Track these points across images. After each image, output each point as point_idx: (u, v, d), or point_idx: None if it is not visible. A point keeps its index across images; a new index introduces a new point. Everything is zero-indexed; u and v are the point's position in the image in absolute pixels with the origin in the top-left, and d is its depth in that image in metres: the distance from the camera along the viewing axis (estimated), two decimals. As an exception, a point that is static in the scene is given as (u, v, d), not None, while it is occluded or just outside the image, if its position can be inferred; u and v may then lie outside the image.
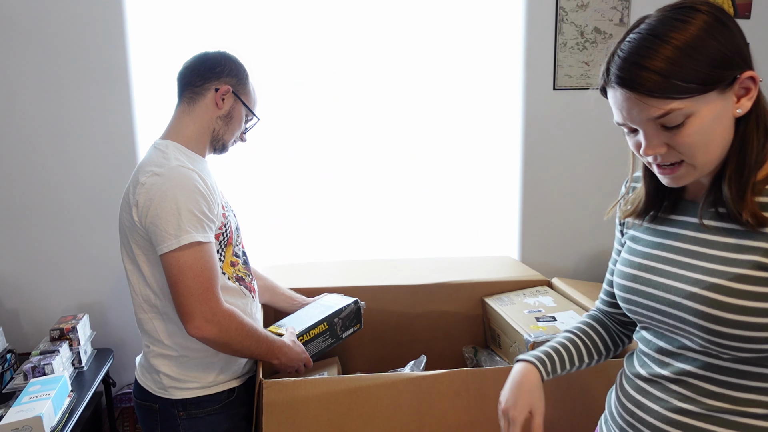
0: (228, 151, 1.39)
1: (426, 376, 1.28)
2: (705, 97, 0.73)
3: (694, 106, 0.73)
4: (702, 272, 0.80)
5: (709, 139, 0.75)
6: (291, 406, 1.22)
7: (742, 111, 0.75)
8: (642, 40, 0.75)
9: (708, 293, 0.77)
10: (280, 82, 2.16)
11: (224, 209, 1.31)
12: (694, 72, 0.72)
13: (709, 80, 0.72)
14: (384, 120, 2.28)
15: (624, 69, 0.75)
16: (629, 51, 0.76)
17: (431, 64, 2.27)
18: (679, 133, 0.75)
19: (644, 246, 0.90)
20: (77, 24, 1.95)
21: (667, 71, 0.72)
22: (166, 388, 1.27)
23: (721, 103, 0.74)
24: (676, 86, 0.72)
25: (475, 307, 1.82)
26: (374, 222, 2.35)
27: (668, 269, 0.84)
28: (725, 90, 0.74)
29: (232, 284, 1.31)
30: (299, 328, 1.45)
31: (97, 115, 2.01)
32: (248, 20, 2.10)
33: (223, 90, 1.29)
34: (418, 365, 1.55)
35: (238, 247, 1.38)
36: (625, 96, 0.76)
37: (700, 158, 0.77)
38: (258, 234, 2.22)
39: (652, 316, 0.86)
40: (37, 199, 2.03)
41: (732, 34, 0.75)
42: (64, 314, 2.03)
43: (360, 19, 2.19)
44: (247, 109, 1.36)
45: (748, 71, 0.74)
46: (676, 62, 0.72)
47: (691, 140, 0.75)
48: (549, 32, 2.30)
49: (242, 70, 1.35)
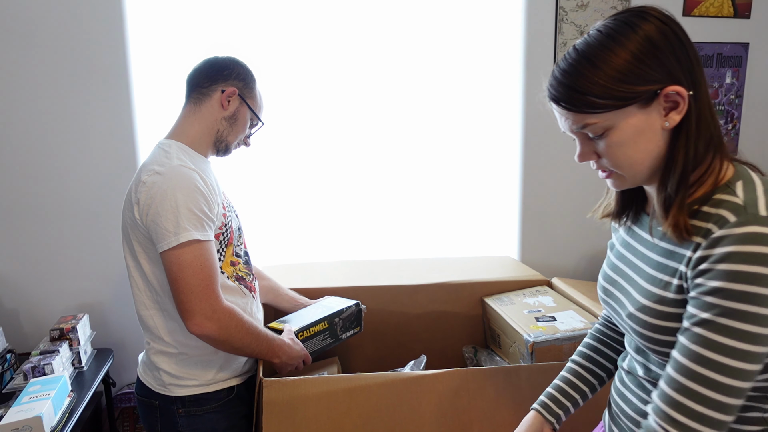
0: (230, 153, 1.40)
1: (426, 375, 1.28)
2: (624, 111, 0.75)
3: (613, 119, 0.75)
4: (639, 292, 0.83)
5: (632, 151, 0.77)
6: (291, 405, 1.22)
7: (669, 125, 0.75)
8: (569, 57, 0.78)
9: (639, 314, 0.82)
10: (280, 81, 2.16)
11: (225, 209, 1.32)
12: (609, 91, 0.74)
13: (624, 97, 0.74)
14: (384, 120, 2.28)
15: (551, 84, 0.80)
16: (560, 66, 0.80)
17: (432, 64, 2.27)
18: (601, 143, 0.78)
19: (614, 256, 0.94)
20: (77, 24, 1.95)
21: (583, 88, 0.75)
22: (165, 385, 1.28)
23: (645, 116, 0.75)
24: (590, 102, 0.75)
25: (475, 307, 1.82)
26: (374, 222, 2.35)
27: (622, 284, 0.89)
28: (647, 104, 0.75)
29: (232, 283, 1.31)
30: (300, 324, 1.46)
31: (98, 115, 2.01)
32: (249, 19, 2.10)
33: (230, 91, 1.31)
34: (418, 365, 1.55)
35: (240, 247, 1.39)
36: (555, 108, 0.81)
37: (626, 169, 0.79)
38: (259, 234, 2.22)
39: (619, 321, 0.90)
40: (37, 199, 2.03)
41: (662, 53, 0.74)
42: (64, 314, 2.03)
43: (361, 20, 2.19)
44: (253, 113, 1.37)
45: (672, 86, 0.74)
46: (593, 80, 0.74)
47: (612, 151, 0.78)
48: (549, 32, 2.31)
49: (250, 75, 1.37)
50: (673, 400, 0.73)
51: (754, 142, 2.67)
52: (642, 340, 0.83)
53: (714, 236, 0.71)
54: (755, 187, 0.73)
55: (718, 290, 0.69)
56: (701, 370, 0.71)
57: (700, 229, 0.74)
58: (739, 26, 2.54)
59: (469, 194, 2.38)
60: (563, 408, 1.02)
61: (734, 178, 0.76)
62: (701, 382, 0.71)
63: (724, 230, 0.70)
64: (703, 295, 0.71)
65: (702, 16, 2.49)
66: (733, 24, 2.53)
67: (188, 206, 1.17)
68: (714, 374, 0.70)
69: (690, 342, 0.72)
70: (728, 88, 2.59)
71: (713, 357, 0.70)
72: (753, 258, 0.67)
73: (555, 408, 1.02)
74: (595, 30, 0.79)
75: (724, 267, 0.69)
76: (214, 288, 1.19)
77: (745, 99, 2.62)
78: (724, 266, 0.69)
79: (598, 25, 0.79)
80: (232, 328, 1.20)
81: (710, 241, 0.71)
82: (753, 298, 0.67)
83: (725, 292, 0.69)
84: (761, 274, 0.66)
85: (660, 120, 0.75)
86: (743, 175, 0.77)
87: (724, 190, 0.75)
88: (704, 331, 0.71)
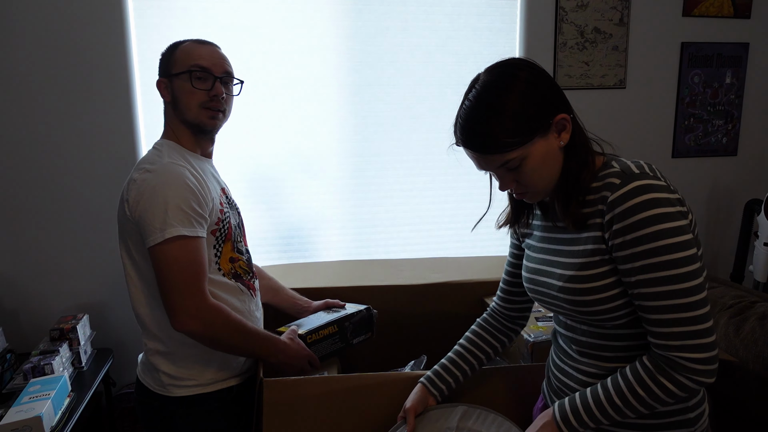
0: (210, 126, 1.32)
1: (426, 375, 1.28)
2: (532, 143, 0.91)
3: (525, 151, 0.92)
4: (564, 267, 0.99)
5: (544, 171, 0.94)
6: (291, 405, 1.22)
7: (563, 143, 0.94)
8: (473, 109, 0.93)
9: (569, 285, 0.96)
10: (280, 82, 2.16)
11: (222, 206, 1.31)
12: (517, 130, 0.90)
13: (529, 132, 0.91)
14: (384, 120, 2.28)
15: (464, 134, 0.94)
16: (465, 118, 0.94)
17: (432, 64, 2.27)
18: (519, 172, 0.94)
19: (534, 252, 1.09)
20: (78, 24, 1.95)
21: (496, 134, 0.90)
22: (164, 386, 1.27)
23: (546, 142, 0.93)
24: (506, 143, 0.90)
25: (475, 307, 1.82)
26: (375, 222, 2.35)
27: (546, 269, 1.04)
28: (546, 133, 0.92)
29: (228, 281, 1.31)
30: (308, 327, 1.44)
31: (99, 116, 2.02)
32: (250, 18, 2.10)
33: (159, 82, 1.31)
34: (418, 365, 1.55)
35: (240, 243, 1.38)
36: (472, 154, 0.96)
37: (540, 187, 0.96)
38: (259, 234, 2.22)
39: (550, 303, 1.04)
40: (38, 200, 2.03)
41: (542, 91, 0.92)
42: (64, 314, 2.03)
43: (361, 21, 2.19)
44: (178, 74, 1.27)
45: (559, 115, 0.92)
46: (503, 125, 0.90)
47: (529, 177, 0.94)
48: (549, 32, 2.31)
49: (167, 52, 1.32)
50: (663, 334, 0.88)
51: (753, 141, 2.67)
52: (574, 307, 0.97)
53: (610, 199, 0.89)
54: (624, 161, 0.95)
55: (636, 239, 0.86)
56: (667, 302, 0.86)
57: (595, 201, 0.92)
58: (739, 26, 2.54)
59: (470, 194, 2.38)
60: (446, 384, 1.19)
61: (606, 161, 0.97)
62: (674, 310, 0.86)
63: (616, 192, 0.88)
64: (628, 248, 0.88)
65: (702, 15, 2.50)
66: (733, 24, 2.53)
67: (176, 203, 1.17)
68: (677, 300, 0.86)
69: (646, 288, 0.88)
70: (728, 88, 2.59)
71: (669, 288, 0.86)
72: (644, 205, 0.86)
73: (439, 383, 1.19)
74: (482, 83, 0.94)
75: (631, 220, 0.86)
76: (200, 285, 1.18)
77: (745, 99, 2.62)
78: (630, 219, 0.86)
79: (482, 80, 0.94)
80: (218, 326, 1.19)
81: (608, 204, 0.89)
82: (663, 233, 0.85)
83: (642, 238, 0.86)
84: (656, 213, 0.85)
85: (556, 142, 0.94)
86: (612, 157, 0.98)
87: (603, 169, 0.95)
88: (649, 274, 0.87)
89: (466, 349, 1.23)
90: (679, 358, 0.87)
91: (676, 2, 2.46)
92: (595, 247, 0.93)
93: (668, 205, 0.86)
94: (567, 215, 0.95)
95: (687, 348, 0.87)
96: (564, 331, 1.07)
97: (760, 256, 2.27)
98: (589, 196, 0.94)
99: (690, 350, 0.87)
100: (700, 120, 2.59)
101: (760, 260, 2.27)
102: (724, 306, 1.83)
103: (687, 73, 2.53)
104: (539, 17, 2.28)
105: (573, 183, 0.95)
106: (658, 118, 2.54)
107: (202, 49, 1.31)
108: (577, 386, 1.02)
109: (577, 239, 0.97)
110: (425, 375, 1.22)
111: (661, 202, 0.85)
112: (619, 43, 2.41)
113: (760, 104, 2.64)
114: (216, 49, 1.34)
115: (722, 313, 1.80)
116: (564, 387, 1.07)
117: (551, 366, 1.14)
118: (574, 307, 0.97)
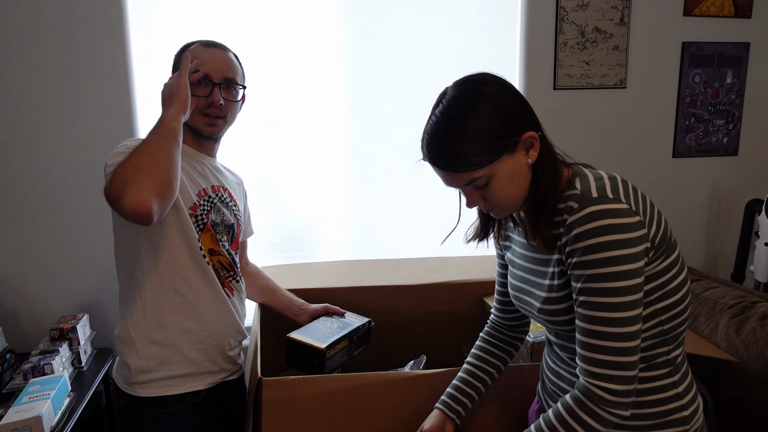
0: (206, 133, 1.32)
1: (426, 375, 1.28)
2: (499, 161, 0.91)
3: (492, 170, 0.91)
4: (538, 289, 1.01)
5: (512, 189, 0.94)
6: (291, 404, 1.22)
7: (531, 160, 0.94)
8: (439, 127, 0.92)
9: (545, 307, 0.99)
10: (281, 82, 2.16)
11: (200, 197, 1.29)
12: (484, 149, 0.89)
13: (496, 150, 0.90)
14: (384, 119, 2.28)
15: (430, 152, 0.94)
16: (431, 134, 0.93)
17: (432, 63, 2.27)
18: (486, 190, 0.94)
19: (516, 268, 1.10)
20: (77, 24, 1.95)
21: (463, 153, 0.90)
22: (130, 384, 1.26)
23: (513, 160, 0.92)
24: (472, 161, 0.90)
25: (475, 307, 1.82)
26: (374, 222, 2.35)
27: (527, 288, 1.06)
28: (513, 151, 0.92)
29: (206, 266, 1.28)
30: (328, 340, 1.44)
31: (98, 115, 2.01)
32: (251, 17, 2.10)
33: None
34: (418, 365, 1.55)
35: (224, 242, 1.35)
36: (438, 170, 0.95)
37: (508, 204, 0.96)
38: (259, 234, 2.21)
39: (536, 318, 1.06)
40: (37, 199, 2.03)
41: (509, 108, 0.91)
42: (64, 314, 2.03)
43: (361, 20, 2.19)
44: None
45: (526, 133, 0.92)
46: (469, 144, 0.89)
47: (496, 194, 0.94)
48: (549, 32, 2.31)
49: (178, 53, 1.34)
50: (587, 358, 0.90)
51: (754, 141, 2.66)
52: (555, 326, 1.01)
53: (567, 222, 0.89)
54: (588, 179, 0.93)
55: (583, 263, 0.88)
56: (597, 327, 0.88)
57: (559, 223, 0.92)
58: (740, 26, 2.54)
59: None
60: (462, 405, 1.18)
61: (572, 176, 0.96)
62: (600, 337, 0.88)
63: (573, 216, 0.89)
64: (576, 269, 0.89)
65: (703, 15, 2.49)
66: (733, 24, 2.53)
67: (131, 145, 1.18)
68: (607, 327, 0.87)
69: (583, 309, 0.90)
70: (729, 88, 2.59)
71: (601, 315, 0.88)
72: (596, 231, 0.86)
73: (455, 405, 1.18)
74: (449, 98, 0.93)
75: (582, 244, 0.87)
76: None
77: (745, 99, 2.61)
78: (581, 244, 0.87)
79: (449, 96, 0.94)
80: (123, 175, 1.07)
81: (566, 227, 0.90)
82: (609, 261, 0.86)
83: (588, 263, 0.87)
84: (606, 240, 0.86)
85: (524, 159, 0.94)
86: (578, 172, 0.97)
87: (567, 189, 0.94)
88: (587, 297, 0.89)
89: (475, 366, 1.22)
90: (597, 387, 0.88)
91: (676, 2, 2.46)
92: (560, 269, 0.95)
93: (624, 231, 0.85)
94: (536, 235, 0.95)
95: (606, 378, 0.88)
96: (553, 338, 1.09)
97: (761, 256, 2.26)
98: (556, 218, 0.94)
99: (608, 380, 0.88)
100: (700, 120, 2.58)
101: (761, 260, 2.27)
102: (724, 306, 1.83)
103: (688, 73, 2.53)
104: (539, 17, 2.27)
105: (541, 203, 0.94)
106: (658, 118, 2.54)
107: (205, 53, 1.29)
108: (571, 389, 1.01)
109: (548, 260, 0.98)
110: (440, 400, 1.20)
111: (616, 228, 0.85)
112: (619, 42, 2.41)
113: (760, 104, 2.64)
114: (221, 53, 1.32)
115: (723, 313, 1.80)
116: (558, 390, 1.08)
117: (545, 369, 1.15)
118: (555, 325, 1.01)
